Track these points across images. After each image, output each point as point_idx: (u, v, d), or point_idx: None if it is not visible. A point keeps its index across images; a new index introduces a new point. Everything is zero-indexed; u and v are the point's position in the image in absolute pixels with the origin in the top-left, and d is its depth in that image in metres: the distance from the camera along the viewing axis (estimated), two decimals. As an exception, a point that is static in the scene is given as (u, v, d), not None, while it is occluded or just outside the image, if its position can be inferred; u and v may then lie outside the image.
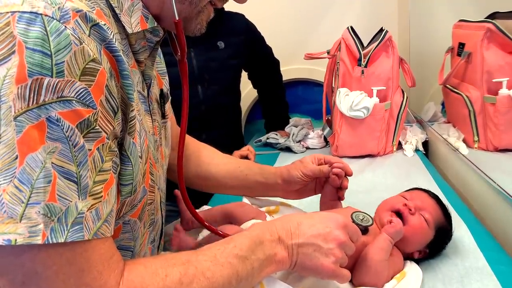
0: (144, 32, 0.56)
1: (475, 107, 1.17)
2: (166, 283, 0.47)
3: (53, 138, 0.41)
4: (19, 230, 0.39)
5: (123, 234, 0.56)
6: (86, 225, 0.43)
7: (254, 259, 0.53)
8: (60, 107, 0.41)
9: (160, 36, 0.58)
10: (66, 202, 0.42)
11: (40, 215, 0.40)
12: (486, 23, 1.11)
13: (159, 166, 0.66)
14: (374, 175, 1.24)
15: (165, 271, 0.48)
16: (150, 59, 0.60)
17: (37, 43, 0.40)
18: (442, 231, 0.75)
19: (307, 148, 1.58)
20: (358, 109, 1.33)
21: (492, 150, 1.14)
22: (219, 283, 0.50)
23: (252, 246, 0.54)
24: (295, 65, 2.03)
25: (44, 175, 0.40)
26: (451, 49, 1.34)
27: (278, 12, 2.03)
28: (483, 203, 1.05)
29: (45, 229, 0.40)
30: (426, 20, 1.75)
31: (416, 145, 1.46)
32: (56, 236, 0.41)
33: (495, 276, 0.68)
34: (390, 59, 1.37)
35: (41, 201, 0.40)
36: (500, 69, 1.11)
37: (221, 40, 1.48)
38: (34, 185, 0.40)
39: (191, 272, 0.49)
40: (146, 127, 0.59)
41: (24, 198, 0.40)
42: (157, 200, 0.65)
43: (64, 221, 0.41)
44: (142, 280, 0.46)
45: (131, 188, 0.53)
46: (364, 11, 1.95)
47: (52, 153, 0.41)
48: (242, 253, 0.52)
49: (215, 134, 1.52)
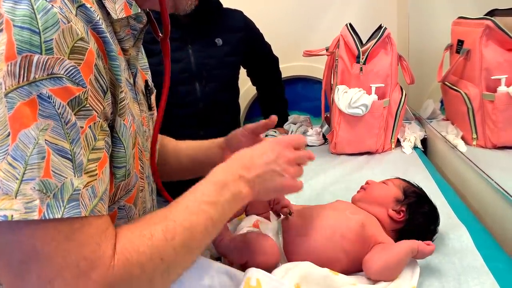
0: (128, 19, 0.56)
1: (473, 104, 1.17)
2: (154, 242, 0.48)
3: (45, 115, 0.41)
4: (15, 206, 0.39)
5: (118, 220, 0.56)
6: (83, 202, 0.43)
7: (223, 201, 0.56)
8: (51, 84, 0.41)
9: (143, 23, 0.59)
10: (61, 178, 0.42)
11: (35, 191, 0.40)
12: (485, 20, 1.11)
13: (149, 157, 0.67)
14: (373, 172, 1.24)
15: (150, 231, 0.49)
16: (135, 49, 0.61)
17: (25, 21, 0.40)
18: (412, 192, 0.81)
19: (306, 145, 1.58)
20: (356, 106, 1.33)
21: (490, 147, 1.14)
22: (198, 231, 0.52)
23: (218, 190, 0.56)
24: (294, 62, 2.02)
25: (38, 151, 0.40)
26: (450, 46, 1.34)
27: (276, 9, 2.02)
28: (481, 201, 1.05)
29: (41, 205, 0.40)
30: (425, 17, 1.75)
31: (414, 143, 1.46)
32: (52, 212, 0.41)
33: (492, 274, 0.68)
34: (389, 56, 1.37)
35: (35, 177, 0.40)
36: (498, 66, 1.10)
37: (219, 37, 1.48)
38: (28, 161, 0.40)
39: (171, 226, 0.50)
40: (134, 114, 0.59)
41: (19, 174, 0.40)
42: (146, 189, 0.65)
43: (60, 197, 0.42)
44: (132, 244, 0.47)
45: (124, 171, 0.54)
46: (363, 8, 1.94)
47: (45, 131, 0.41)
48: (211, 198, 0.55)
49: (213, 131, 1.51)
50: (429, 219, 0.79)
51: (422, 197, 0.81)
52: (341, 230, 0.74)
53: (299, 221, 0.77)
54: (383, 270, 0.68)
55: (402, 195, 0.80)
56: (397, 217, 0.77)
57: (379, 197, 0.81)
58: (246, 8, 1.60)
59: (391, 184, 0.84)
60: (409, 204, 0.79)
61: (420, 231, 0.76)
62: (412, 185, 0.84)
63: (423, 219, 0.78)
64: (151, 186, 0.70)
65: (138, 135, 0.60)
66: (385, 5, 1.96)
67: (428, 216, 0.79)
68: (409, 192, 0.81)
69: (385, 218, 0.78)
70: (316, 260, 0.70)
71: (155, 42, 1.37)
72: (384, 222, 0.78)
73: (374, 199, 0.81)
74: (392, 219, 0.78)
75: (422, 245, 0.70)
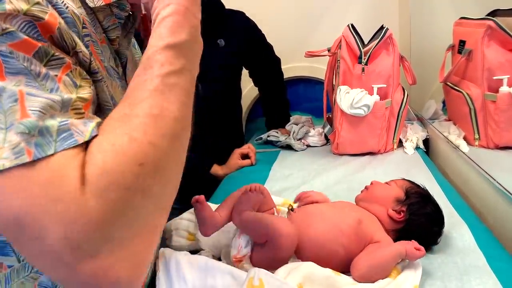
0: (110, 8, 0.55)
1: (475, 104, 1.17)
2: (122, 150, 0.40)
3: (13, 72, 0.39)
4: (4, 154, 0.37)
5: None
6: (77, 129, 0.40)
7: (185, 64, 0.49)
8: (8, 39, 0.39)
9: (127, 10, 0.58)
10: (41, 115, 0.39)
11: (17, 134, 0.38)
12: (486, 21, 1.11)
13: None
14: (375, 173, 1.24)
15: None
16: (126, 40, 0.60)
17: None
18: (415, 193, 0.80)
19: (308, 146, 1.58)
20: (358, 107, 1.33)
21: (492, 147, 1.14)
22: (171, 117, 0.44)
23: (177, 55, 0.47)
24: (296, 63, 2.02)
25: (9, 95, 0.38)
26: (451, 46, 1.34)
27: (278, 10, 2.02)
28: (484, 201, 1.05)
29: (28, 146, 0.38)
30: (427, 18, 1.75)
31: (416, 143, 1.46)
32: (43, 150, 0.38)
33: (495, 273, 0.68)
34: (391, 57, 1.37)
35: (14, 121, 0.38)
36: (500, 66, 1.10)
37: (221, 38, 1.48)
38: (5, 109, 0.38)
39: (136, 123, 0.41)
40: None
41: (3, 124, 0.38)
42: None
43: (47, 133, 0.39)
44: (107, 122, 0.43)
45: None
46: (365, 9, 1.94)
47: (18, 86, 0.39)
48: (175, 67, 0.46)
49: (216, 132, 1.53)
50: (432, 220, 0.78)
51: (425, 198, 0.81)
52: (339, 225, 0.75)
53: (301, 216, 0.78)
54: (367, 275, 0.69)
55: (403, 195, 0.80)
56: (397, 217, 0.78)
57: (380, 197, 0.82)
58: (248, 9, 1.61)
59: (394, 185, 0.84)
60: (410, 204, 0.79)
61: (422, 232, 0.76)
62: (416, 186, 0.84)
63: (425, 220, 0.78)
64: None
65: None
66: (386, 5, 1.96)
67: (431, 217, 0.78)
68: (412, 192, 0.81)
69: (385, 218, 0.78)
70: (316, 253, 0.71)
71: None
72: (384, 221, 0.78)
73: (375, 199, 0.82)
74: (391, 219, 0.78)
75: (411, 249, 0.69)
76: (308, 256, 0.72)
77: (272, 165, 1.39)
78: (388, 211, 0.78)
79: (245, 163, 1.42)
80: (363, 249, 0.73)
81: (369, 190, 0.85)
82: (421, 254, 0.69)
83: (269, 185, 1.20)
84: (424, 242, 0.73)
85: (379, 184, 0.86)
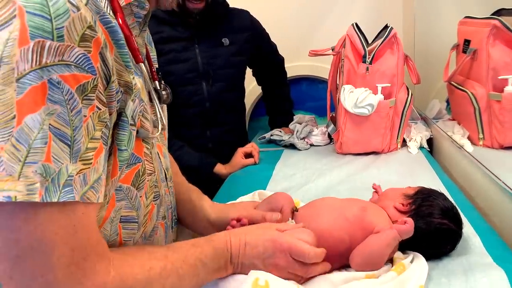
0: (131, 7, 0.57)
1: (480, 104, 1.17)
2: (151, 275, 0.53)
3: (54, 100, 0.42)
4: (18, 187, 0.41)
5: (119, 202, 0.56)
6: (76, 187, 0.45)
7: (210, 267, 0.60)
8: (61, 70, 0.42)
9: (146, 9, 0.59)
10: (59, 164, 0.43)
11: (37, 174, 0.42)
12: (491, 20, 1.11)
13: (162, 146, 0.70)
14: (379, 172, 1.24)
15: (150, 264, 0.53)
16: (141, 38, 0.62)
17: (37, 8, 0.41)
18: (426, 191, 0.79)
19: (311, 145, 1.58)
20: (362, 106, 1.33)
21: (497, 147, 1.14)
22: (186, 280, 0.57)
23: (212, 256, 0.61)
24: (300, 62, 2.02)
25: (42, 136, 0.42)
26: (456, 46, 1.34)
27: (282, 9, 2.02)
28: (488, 201, 1.04)
29: (41, 188, 0.42)
30: (431, 17, 1.74)
31: (420, 142, 1.45)
32: (50, 196, 0.42)
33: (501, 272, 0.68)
34: (395, 56, 1.36)
35: (38, 161, 0.42)
36: (506, 66, 1.10)
37: (226, 37, 1.48)
38: (31, 145, 0.41)
39: (169, 267, 0.55)
40: (143, 98, 0.59)
41: (22, 157, 0.41)
42: (158, 173, 0.65)
43: (57, 182, 0.43)
44: (132, 270, 0.51)
45: (128, 154, 0.55)
46: (369, 8, 1.94)
47: (51, 115, 0.42)
48: (206, 260, 0.60)
49: (219, 130, 1.53)
50: (442, 213, 0.74)
51: (437, 194, 0.78)
52: (344, 213, 0.75)
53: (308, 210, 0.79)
54: (363, 263, 0.69)
55: (413, 192, 0.79)
56: (402, 208, 0.76)
57: (390, 194, 0.82)
58: (253, 8, 1.61)
59: (408, 187, 0.82)
60: (417, 197, 0.77)
61: (430, 226, 0.72)
62: (432, 189, 0.81)
63: (433, 211, 0.74)
64: (163, 173, 0.70)
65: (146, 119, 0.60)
66: (391, 4, 1.95)
67: (441, 209, 0.74)
68: (423, 191, 0.79)
69: (391, 210, 0.77)
70: (324, 242, 0.70)
71: (162, 42, 1.39)
72: (390, 213, 0.77)
73: (385, 195, 0.82)
74: (397, 209, 0.77)
75: (400, 227, 0.69)
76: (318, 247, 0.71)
77: (276, 164, 1.39)
78: (395, 204, 0.77)
79: (249, 162, 1.42)
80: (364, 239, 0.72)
81: (382, 192, 0.85)
82: (408, 228, 0.68)
83: (273, 184, 1.20)
84: (434, 239, 0.72)
85: (393, 188, 0.86)
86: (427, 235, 0.72)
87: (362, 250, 0.70)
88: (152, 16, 1.45)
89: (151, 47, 0.75)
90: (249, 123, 2.09)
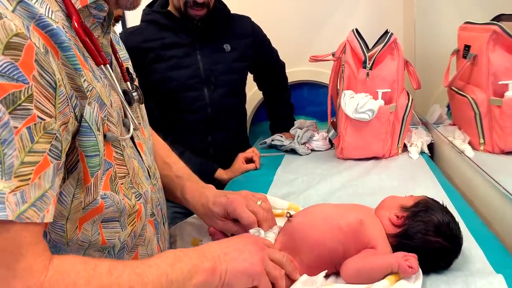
0: (88, 9, 0.56)
1: (480, 109, 1.17)
2: (96, 272, 0.47)
3: None
4: None
5: (107, 209, 0.56)
6: (9, 206, 0.41)
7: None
8: None
9: (105, 11, 0.58)
10: None
11: None
12: (492, 25, 1.11)
13: (143, 145, 0.69)
14: (379, 177, 1.24)
15: (95, 262, 0.48)
16: (105, 39, 0.61)
17: None
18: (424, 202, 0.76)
19: (312, 150, 1.58)
20: (363, 112, 1.33)
21: (498, 152, 1.14)
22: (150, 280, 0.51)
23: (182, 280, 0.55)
24: (300, 67, 2.03)
25: None
26: (456, 51, 1.34)
27: (283, 14, 2.03)
28: (489, 206, 1.04)
29: None
30: (432, 22, 1.75)
31: (421, 148, 1.45)
32: None
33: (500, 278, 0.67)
34: (395, 62, 1.37)
35: None
36: (506, 71, 1.10)
37: (227, 43, 1.49)
38: None
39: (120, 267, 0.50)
40: (112, 101, 0.59)
41: None
42: (134, 174, 0.64)
43: None
44: (73, 266, 0.47)
45: (98, 159, 0.53)
46: (369, 14, 1.95)
47: None
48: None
49: (220, 136, 1.53)
50: (436, 230, 0.71)
51: (435, 208, 0.74)
52: (339, 222, 0.73)
53: (302, 217, 0.78)
54: (352, 277, 0.68)
55: (411, 204, 0.76)
56: (395, 221, 0.74)
57: (387, 203, 0.81)
58: (254, 14, 1.62)
59: (409, 197, 0.80)
60: (412, 211, 0.74)
61: (421, 242, 0.70)
62: (433, 200, 0.78)
63: (425, 228, 0.71)
64: (146, 171, 0.69)
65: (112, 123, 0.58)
66: (391, 10, 1.96)
67: (434, 226, 0.71)
68: (421, 203, 0.76)
69: (386, 221, 0.76)
70: (319, 252, 0.70)
71: (164, 48, 1.40)
72: (385, 225, 0.75)
73: (383, 204, 0.81)
74: (391, 222, 0.75)
75: (403, 265, 0.66)
76: (311, 255, 0.71)
77: (277, 169, 1.39)
78: (389, 215, 0.76)
79: (250, 167, 1.42)
80: (360, 251, 0.72)
81: (382, 200, 0.83)
82: (412, 272, 0.66)
83: (274, 189, 1.20)
84: (427, 256, 0.69)
85: (393, 196, 0.83)
86: (420, 252, 0.69)
87: (356, 265, 0.69)
88: (154, 22, 1.47)
89: (120, 46, 0.74)
90: (250, 128, 2.09)
